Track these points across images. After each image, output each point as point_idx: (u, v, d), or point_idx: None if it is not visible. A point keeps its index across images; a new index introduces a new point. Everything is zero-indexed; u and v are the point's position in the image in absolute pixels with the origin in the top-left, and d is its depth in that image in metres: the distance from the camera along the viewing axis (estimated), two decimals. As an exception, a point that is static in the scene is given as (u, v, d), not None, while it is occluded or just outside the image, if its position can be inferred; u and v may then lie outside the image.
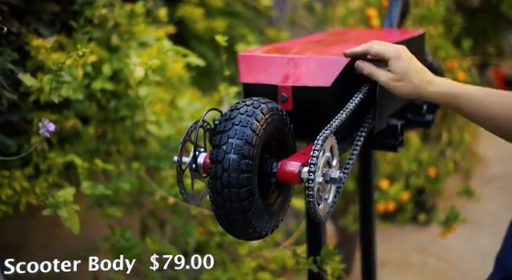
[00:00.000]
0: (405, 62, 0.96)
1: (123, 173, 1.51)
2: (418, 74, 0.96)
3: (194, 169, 0.95)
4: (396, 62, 0.96)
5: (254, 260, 1.64)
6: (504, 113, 0.94)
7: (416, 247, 2.81)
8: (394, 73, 0.96)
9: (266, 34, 2.31)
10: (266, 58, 1.03)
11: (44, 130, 1.12)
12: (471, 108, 0.95)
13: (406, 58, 0.97)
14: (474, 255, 2.74)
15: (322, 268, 1.17)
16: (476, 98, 0.94)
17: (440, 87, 0.96)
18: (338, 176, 0.89)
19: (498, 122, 0.95)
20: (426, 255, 2.75)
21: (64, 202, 1.22)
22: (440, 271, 2.62)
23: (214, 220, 1.64)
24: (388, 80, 0.97)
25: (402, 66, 0.96)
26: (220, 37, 1.24)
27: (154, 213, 1.68)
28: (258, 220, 0.88)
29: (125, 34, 1.53)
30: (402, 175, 2.69)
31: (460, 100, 0.95)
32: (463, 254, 2.75)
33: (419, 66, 0.98)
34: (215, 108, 0.99)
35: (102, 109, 1.56)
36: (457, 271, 2.62)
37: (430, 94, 0.96)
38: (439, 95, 0.96)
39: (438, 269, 2.64)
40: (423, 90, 0.96)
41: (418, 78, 0.96)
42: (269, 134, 0.89)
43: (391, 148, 1.15)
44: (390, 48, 0.97)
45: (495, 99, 0.95)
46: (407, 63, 0.96)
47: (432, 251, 2.78)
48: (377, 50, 0.98)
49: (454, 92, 0.95)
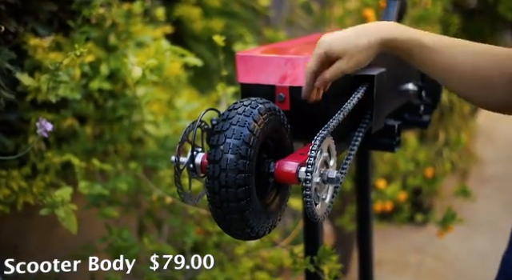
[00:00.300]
0: (333, 43, 0.88)
1: (120, 172, 1.51)
2: (356, 39, 0.88)
3: (191, 169, 0.96)
4: (331, 50, 0.89)
5: (252, 260, 1.64)
6: (473, 66, 0.85)
7: (413, 247, 2.82)
8: (341, 56, 0.89)
9: (263, 34, 2.31)
10: (264, 59, 1.03)
11: (42, 129, 1.12)
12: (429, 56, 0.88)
13: (329, 39, 0.89)
14: (471, 255, 2.75)
15: (319, 268, 1.17)
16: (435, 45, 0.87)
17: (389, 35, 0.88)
18: (335, 176, 0.89)
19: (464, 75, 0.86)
20: (422, 255, 2.75)
21: (61, 201, 1.22)
22: (437, 271, 2.63)
23: (211, 220, 1.64)
24: (347, 65, 0.89)
25: (338, 47, 0.88)
26: (217, 37, 1.24)
27: (151, 212, 1.68)
28: (256, 220, 0.89)
29: (122, 34, 1.53)
30: (399, 175, 2.69)
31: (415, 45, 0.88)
32: (460, 254, 2.76)
33: (346, 32, 0.90)
34: (213, 108, 0.99)
35: (99, 108, 1.56)
36: (453, 271, 2.62)
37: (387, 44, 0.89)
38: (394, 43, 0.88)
39: (434, 269, 2.65)
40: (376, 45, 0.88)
41: (358, 42, 0.88)
42: (266, 134, 0.90)
43: (388, 148, 1.16)
44: (319, 47, 0.91)
45: (462, 49, 0.87)
46: (337, 41, 0.88)
47: (429, 251, 2.78)
48: (321, 53, 0.90)
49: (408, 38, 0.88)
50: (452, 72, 0.87)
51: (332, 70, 0.90)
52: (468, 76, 0.86)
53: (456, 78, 0.87)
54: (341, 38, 0.88)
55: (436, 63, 0.88)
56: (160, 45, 1.30)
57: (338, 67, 0.89)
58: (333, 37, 0.89)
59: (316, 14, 2.59)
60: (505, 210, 3.23)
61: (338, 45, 0.88)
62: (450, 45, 0.88)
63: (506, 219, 3.09)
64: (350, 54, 0.88)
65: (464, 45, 0.89)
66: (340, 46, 0.88)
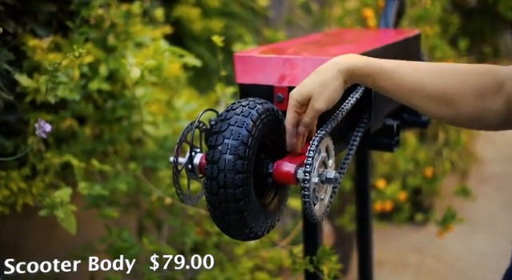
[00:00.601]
0: (300, 89, 0.91)
1: (120, 173, 1.51)
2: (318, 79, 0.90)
3: (190, 169, 0.96)
4: (300, 96, 0.91)
5: (251, 260, 1.64)
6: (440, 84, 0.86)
7: (413, 247, 2.81)
8: (310, 97, 0.91)
9: (262, 34, 2.31)
10: (262, 59, 1.03)
11: (40, 130, 1.12)
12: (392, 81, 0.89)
13: (297, 89, 0.92)
14: (471, 255, 2.74)
15: (319, 268, 1.17)
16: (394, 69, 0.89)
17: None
18: (333, 176, 0.89)
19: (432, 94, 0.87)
20: (422, 255, 2.75)
21: (61, 202, 1.22)
22: (437, 271, 2.63)
23: (210, 220, 1.64)
24: (318, 103, 0.90)
25: (304, 91, 0.91)
26: (216, 37, 1.24)
27: (151, 213, 1.68)
28: (254, 220, 0.89)
29: (121, 35, 1.53)
30: (399, 175, 2.69)
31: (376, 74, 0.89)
32: (460, 254, 2.76)
33: (309, 76, 0.92)
34: (211, 108, 0.99)
35: (98, 109, 1.56)
36: (453, 271, 2.62)
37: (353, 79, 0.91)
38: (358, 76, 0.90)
39: (434, 269, 2.65)
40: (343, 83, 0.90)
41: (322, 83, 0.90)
42: (265, 135, 0.90)
43: (387, 148, 1.16)
44: (290, 99, 0.92)
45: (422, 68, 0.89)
46: (302, 87, 0.91)
47: (429, 251, 2.78)
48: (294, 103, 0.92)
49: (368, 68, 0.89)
50: (420, 93, 0.88)
51: (308, 112, 0.92)
52: (437, 95, 0.87)
53: (424, 98, 0.88)
54: (305, 83, 0.91)
55: (402, 86, 0.89)
56: (159, 45, 1.30)
57: (311, 108, 0.91)
58: (299, 85, 0.92)
59: (315, 13, 2.59)
60: (505, 210, 3.23)
61: (304, 89, 0.90)
62: (412, 67, 0.89)
63: (506, 219, 3.09)
64: (317, 93, 0.90)
65: (426, 66, 0.90)
66: (306, 90, 0.90)
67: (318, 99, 0.90)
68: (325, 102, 0.90)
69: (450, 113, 0.87)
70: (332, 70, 0.90)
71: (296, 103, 0.91)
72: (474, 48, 4.00)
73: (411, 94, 0.89)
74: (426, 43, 2.48)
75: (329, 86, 0.89)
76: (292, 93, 0.91)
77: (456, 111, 0.86)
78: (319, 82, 0.89)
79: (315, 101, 0.90)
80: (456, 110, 0.86)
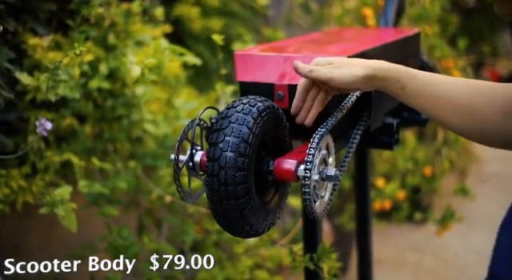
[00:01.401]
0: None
1: (120, 171, 1.51)
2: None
3: (190, 167, 0.96)
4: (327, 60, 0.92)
5: (251, 258, 1.64)
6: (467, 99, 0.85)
7: (412, 246, 2.82)
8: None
9: (262, 33, 2.31)
10: (263, 57, 1.03)
11: (41, 128, 1.12)
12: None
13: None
14: (470, 254, 2.75)
15: (319, 266, 1.18)
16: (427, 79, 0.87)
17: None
18: (334, 173, 0.89)
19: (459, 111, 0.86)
20: (421, 254, 2.76)
21: (61, 200, 1.22)
22: (436, 270, 2.63)
23: (210, 218, 1.65)
24: (339, 72, 0.89)
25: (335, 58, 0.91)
26: (216, 36, 1.24)
27: (151, 211, 1.68)
28: (255, 218, 0.89)
29: (121, 33, 1.53)
30: (398, 174, 2.70)
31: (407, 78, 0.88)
32: (459, 253, 2.76)
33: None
34: (212, 106, 0.99)
35: (98, 108, 1.56)
36: (453, 270, 2.63)
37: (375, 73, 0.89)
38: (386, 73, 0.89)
39: (433, 268, 2.65)
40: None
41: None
42: (265, 132, 0.90)
43: (387, 146, 1.16)
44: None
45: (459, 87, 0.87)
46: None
47: (428, 250, 2.79)
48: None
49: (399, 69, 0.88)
50: (447, 105, 0.86)
51: (322, 95, 0.93)
52: (463, 110, 0.85)
53: (451, 111, 0.86)
54: (327, 63, 0.91)
55: (430, 96, 0.87)
56: (159, 44, 1.30)
57: (329, 71, 0.89)
58: (320, 62, 0.92)
59: (315, 13, 2.60)
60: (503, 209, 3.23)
61: (324, 71, 0.89)
62: (440, 77, 0.88)
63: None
64: (335, 80, 0.89)
65: (454, 79, 0.89)
66: (325, 72, 0.89)
67: (342, 70, 0.89)
68: (344, 77, 0.89)
69: (475, 127, 0.86)
70: (364, 71, 0.88)
71: (308, 82, 0.92)
72: (473, 47, 4.01)
73: (438, 106, 0.87)
74: (426, 42, 2.48)
75: (356, 73, 0.88)
76: (314, 69, 0.89)
77: (482, 126, 0.85)
78: (347, 74, 0.88)
79: (337, 69, 0.89)
80: (482, 125, 0.85)
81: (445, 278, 2.58)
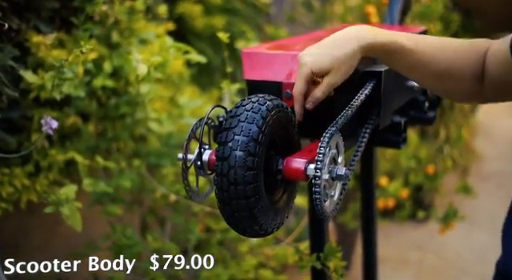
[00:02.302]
0: (317, 60, 0.87)
1: (124, 170, 1.50)
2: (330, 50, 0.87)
3: (199, 166, 0.95)
4: (318, 68, 0.88)
5: (255, 257, 1.64)
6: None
7: (414, 244, 2.82)
8: (328, 71, 0.88)
9: (264, 31, 2.30)
10: (270, 55, 1.02)
11: (47, 127, 1.12)
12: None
13: (312, 58, 0.88)
14: (472, 252, 2.75)
15: (326, 265, 1.17)
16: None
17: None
18: (344, 173, 0.89)
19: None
20: (424, 252, 2.76)
21: (66, 199, 1.22)
22: (438, 268, 2.63)
23: (214, 217, 1.64)
24: (335, 79, 0.89)
25: (323, 63, 0.87)
26: (222, 33, 1.23)
27: (154, 210, 1.67)
28: (264, 217, 0.88)
29: (125, 31, 1.52)
30: (401, 172, 2.69)
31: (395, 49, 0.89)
32: (460, 251, 2.76)
33: (323, 45, 0.88)
34: (220, 105, 0.98)
35: (102, 106, 1.55)
36: (454, 268, 2.63)
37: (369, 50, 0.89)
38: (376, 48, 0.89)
39: (436, 266, 2.65)
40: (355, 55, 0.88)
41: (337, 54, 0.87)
42: (274, 131, 0.89)
43: (394, 145, 1.15)
44: (303, 66, 0.89)
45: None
46: (320, 58, 0.87)
47: (430, 248, 2.79)
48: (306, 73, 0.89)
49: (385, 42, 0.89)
50: (428, 70, 0.92)
51: (323, 87, 0.90)
52: (442, 72, 0.92)
53: (431, 75, 0.93)
54: (322, 54, 0.87)
55: (415, 63, 0.92)
56: (164, 42, 1.29)
57: (327, 83, 0.89)
58: (314, 53, 0.88)
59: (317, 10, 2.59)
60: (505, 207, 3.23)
61: (323, 61, 0.87)
62: (428, 44, 0.92)
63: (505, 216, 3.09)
64: (336, 68, 0.87)
65: (435, 42, 0.94)
66: (325, 64, 0.87)
67: (336, 75, 0.87)
68: (341, 78, 0.89)
69: (454, 89, 0.96)
70: (352, 44, 0.86)
71: (310, 74, 0.88)
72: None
73: (420, 71, 0.93)
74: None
75: (347, 61, 0.87)
76: (306, 62, 0.87)
77: (460, 87, 0.95)
78: (338, 56, 0.86)
79: (332, 76, 0.87)
80: (460, 87, 0.95)
81: (447, 277, 2.57)
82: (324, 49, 0.88)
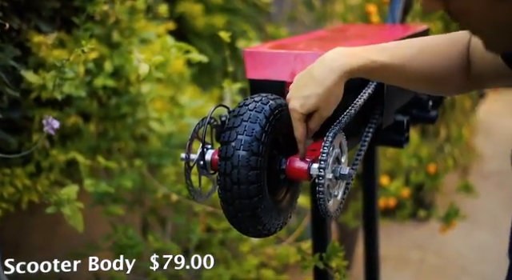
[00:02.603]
0: (305, 103, 0.88)
1: (125, 170, 1.50)
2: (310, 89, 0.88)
3: (201, 166, 0.95)
4: (308, 109, 0.89)
5: (257, 257, 1.63)
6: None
7: (415, 243, 2.81)
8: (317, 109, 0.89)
9: (265, 30, 2.29)
10: (273, 54, 1.02)
11: (49, 127, 1.11)
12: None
13: (299, 101, 0.88)
14: (473, 251, 2.75)
15: (328, 265, 1.17)
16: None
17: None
18: (347, 172, 0.88)
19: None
20: (424, 251, 2.75)
21: (67, 199, 1.21)
22: (438, 267, 2.63)
23: (215, 217, 1.63)
24: (326, 112, 0.90)
25: (311, 105, 0.88)
26: (223, 33, 1.23)
27: (155, 210, 1.67)
28: (267, 217, 0.88)
29: (126, 31, 1.52)
30: (402, 171, 2.69)
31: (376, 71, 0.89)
32: (461, 250, 2.76)
33: (305, 85, 0.89)
34: (222, 104, 0.98)
35: (102, 106, 1.55)
36: (455, 267, 2.62)
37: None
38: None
39: (436, 265, 2.65)
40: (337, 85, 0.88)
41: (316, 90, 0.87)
42: (277, 131, 0.89)
43: (397, 144, 1.15)
44: (295, 112, 0.90)
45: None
46: (307, 100, 0.88)
47: (430, 247, 2.78)
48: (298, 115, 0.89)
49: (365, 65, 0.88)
50: (411, 77, 0.92)
51: (317, 120, 0.91)
52: (427, 76, 0.92)
53: (417, 81, 0.93)
54: (307, 96, 0.88)
55: (397, 76, 0.91)
56: (166, 41, 1.29)
57: (320, 117, 0.90)
58: (299, 97, 0.88)
59: (318, 10, 2.58)
60: (505, 206, 3.23)
61: (310, 103, 0.88)
62: (403, 54, 0.91)
63: (507, 215, 3.09)
64: (323, 103, 0.88)
65: (413, 47, 0.93)
66: (311, 103, 0.88)
67: (326, 108, 0.89)
68: (332, 108, 0.90)
69: (441, 89, 0.97)
70: (331, 77, 0.87)
71: (303, 116, 0.89)
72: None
73: (404, 80, 0.93)
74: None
75: (332, 93, 0.87)
76: (296, 107, 0.88)
77: (446, 84, 0.95)
78: (322, 91, 0.87)
79: (323, 111, 0.89)
80: (446, 84, 0.95)
81: (447, 276, 2.57)
82: (307, 89, 0.88)
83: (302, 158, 0.91)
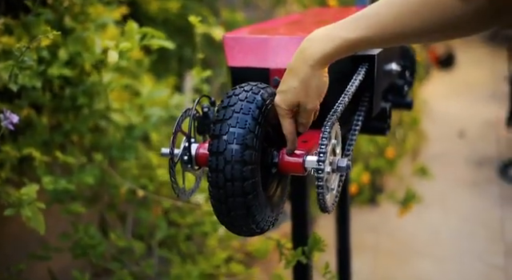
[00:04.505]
0: (286, 98, 0.83)
1: (85, 165, 1.40)
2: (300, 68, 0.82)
3: (185, 161, 0.88)
4: (291, 104, 0.84)
5: (224, 251, 1.57)
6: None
7: (370, 228, 2.82)
8: (300, 102, 0.84)
9: (220, 15, 2.21)
10: (256, 40, 0.95)
11: (7, 121, 1.01)
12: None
13: (281, 97, 0.83)
14: (425, 233, 2.78)
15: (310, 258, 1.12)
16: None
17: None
18: (345, 164, 0.83)
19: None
20: (379, 235, 2.77)
21: (28, 200, 1.11)
22: (393, 250, 2.65)
23: (179, 211, 1.56)
24: (311, 104, 0.84)
25: (292, 99, 0.83)
26: (193, 18, 1.15)
27: (114, 206, 1.58)
28: (261, 214, 0.82)
29: (79, 16, 1.41)
30: (362, 157, 2.68)
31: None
32: (414, 232, 2.79)
33: (284, 79, 0.84)
34: (206, 95, 0.91)
35: (56, 97, 1.44)
36: (409, 249, 2.65)
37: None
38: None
39: (390, 248, 2.67)
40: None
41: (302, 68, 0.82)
42: (269, 122, 0.83)
43: (380, 131, 1.11)
44: (280, 108, 0.84)
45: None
46: (287, 95, 0.83)
47: (385, 231, 2.80)
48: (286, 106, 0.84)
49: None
50: (405, 38, 0.79)
51: (302, 114, 0.85)
52: (423, 32, 0.77)
53: (414, 38, 0.79)
54: (285, 90, 0.83)
55: (385, 41, 0.80)
56: (132, 27, 1.19)
57: (304, 110, 0.84)
58: (280, 91, 0.84)
59: (273, -6, 2.52)
60: (452, 187, 3.30)
61: (290, 97, 0.83)
62: (385, 21, 0.78)
63: (454, 196, 3.16)
64: (303, 96, 0.83)
65: (392, 8, 0.78)
66: (291, 97, 0.83)
67: (307, 101, 0.83)
68: (315, 100, 0.84)
69: (454, 34, 0.78)
70: (303, 68, 0.81)
71: (287, 111, 0.84)
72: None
73: (402, 40, 0.80)
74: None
75: (309, 85, 0.82)
76: (278, 102, 0.83)
77: (458, 32, 0.77)
78: (299, 83, 0.82)
79: (306, 104, 0.83)
80: (457, 31, 0.77)
81: (402, 258, 2.59)
82: (286, 83, 0.83)
83: (290, 153, 0.86)
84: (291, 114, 0.84)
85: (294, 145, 0.86)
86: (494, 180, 3.41)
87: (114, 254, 1.52)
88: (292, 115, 0.85)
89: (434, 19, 0.75)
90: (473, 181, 3.40)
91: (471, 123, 4.45)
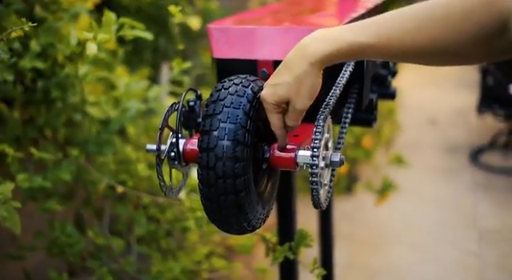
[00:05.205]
0: (275, 92, 0.78)
1: (60, 161, 1.35)
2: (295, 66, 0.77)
3: (173, 157, 0.84)
4: (279, 99, 0.79)
5: (205, 246, 1.54)
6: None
7: (346, 217, 2.82)
8: (289, 99, 0.79)
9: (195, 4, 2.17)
10: (243, 30, 0.92)
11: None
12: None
13: (269, 91, 0.79)
14: (399, 222, 2.80)
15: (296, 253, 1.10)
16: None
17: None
18: (339, 159, 0.81)
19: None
20: (355, 224, 2.77)
21: (3, 199, 1.06)
22: (369, 239, 2.65)
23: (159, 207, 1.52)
24: (301, 103, 0.79)
25: (282, 93, 0.78)
26: (173, 7, 1.11)
27: (90, 202, 1.53)
28: (253, 212, 0.79)
29: (51, 5, 1.36)
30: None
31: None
32: (388, 221, 2.80)
33: (277, 73, 0.79)
34: (192, 88, 0.87)
35: (27, 90, 1.38)
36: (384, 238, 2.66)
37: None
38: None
39: (367, 236, 2.67)
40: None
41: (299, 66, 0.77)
42: (258, 116, 0.80)
43: (367, 123, 1.09)
44: (266, 103, 0.80)
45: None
46: (277, 88, 0.78)
47: (360, 220, 2.81)
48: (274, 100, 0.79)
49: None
50: (415, 53, 0.75)
51: (290, 115, 0.80)
52: (435, 51, 0.74)
53: (422, 56, 0.76)
54: (277, 84, 0.78)
55: (391, 54, 0.76)
56: (110, 17, 1.15)
57: (293, 110, 0.79)
58: (270, 85, 0.79)
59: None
60: (424, 176, 3.32)
61: (280, 92, 0.78)
62: (394, 26, 0.75)
63: (427, 184, 3.18)
64: (294, 94, 0.78)
65: (407, 17, 0.75)
66: (281, 93, 0.78)
67: (298, 100, 0.78)
68: (306, 100, 0.78)
69: (456, 62, 0.76)
70: (302, 64, 0.76)
71: (275, 107, 0.79)
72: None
73: (406, 56, 0.76)
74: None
75: (303, 83, 0.77)
76: (265, 96, 0.78)
77: (461, 61, 0.75)
78: (292, 80, 0.77)
79: (295, 102, 0.78)
80: (461, 60, 0.75)
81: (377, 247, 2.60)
82: (278, 77, 0.78)
83: (282, 148, 0.83)
84: (279, 110, 0.80)
85: (285, 140, 0.82)
86: (466, 167, 3.45)
87: (92, 251, 1.47)
88: (280, 110, 0.80)
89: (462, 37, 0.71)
90: (445, 168, 3.43)
91: (443, 112, 4.49)
